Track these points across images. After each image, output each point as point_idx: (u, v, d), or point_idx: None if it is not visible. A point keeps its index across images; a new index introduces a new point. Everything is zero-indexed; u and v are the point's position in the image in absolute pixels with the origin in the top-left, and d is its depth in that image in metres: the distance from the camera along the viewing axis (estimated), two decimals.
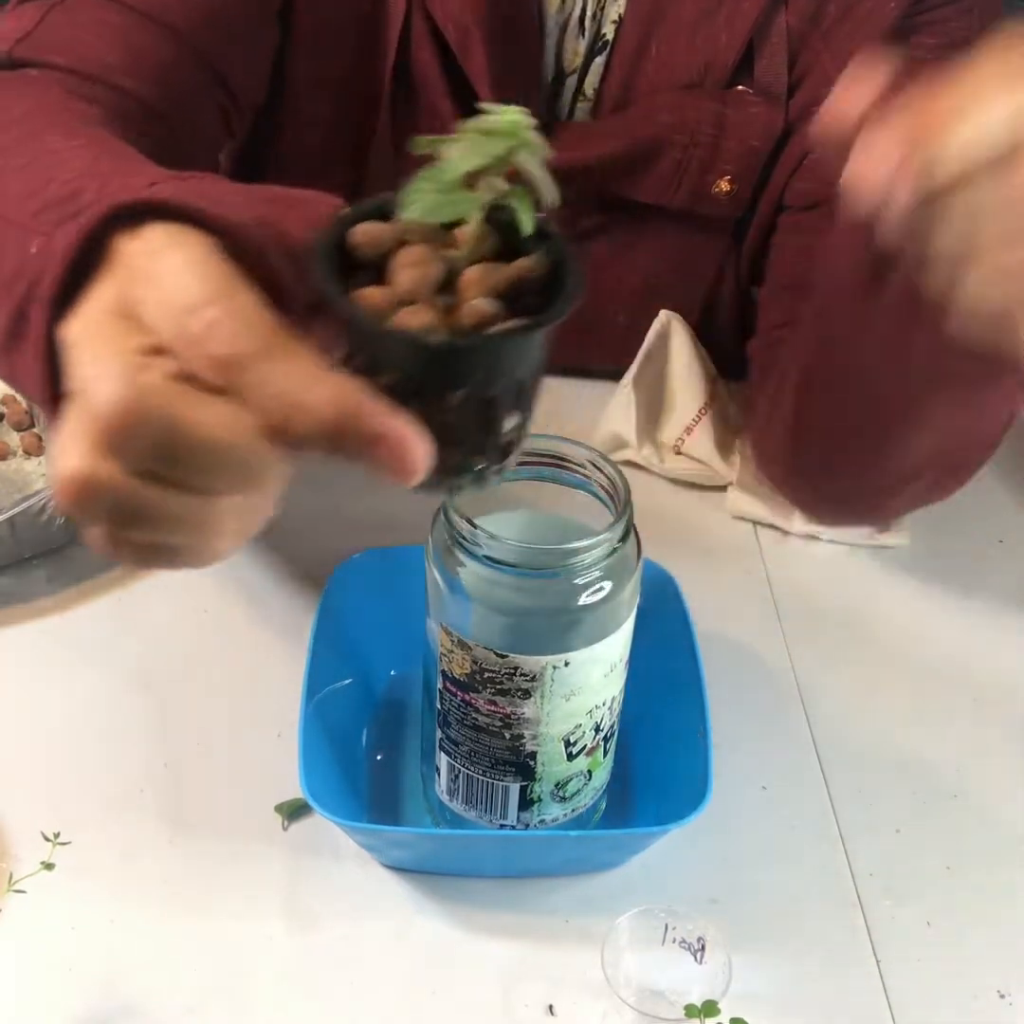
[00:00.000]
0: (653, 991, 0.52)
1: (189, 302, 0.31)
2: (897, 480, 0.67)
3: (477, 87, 0.72)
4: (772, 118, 0.74)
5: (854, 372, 0.62)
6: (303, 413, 0.30)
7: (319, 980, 0.53)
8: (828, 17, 0.72)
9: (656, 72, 0.74)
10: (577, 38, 0.74)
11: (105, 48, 0.60)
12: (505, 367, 0.32)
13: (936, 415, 0.60)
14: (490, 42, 0.70)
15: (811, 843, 0.60)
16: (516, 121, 0.32)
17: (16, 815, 0.58)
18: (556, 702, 0.50)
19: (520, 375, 0.33)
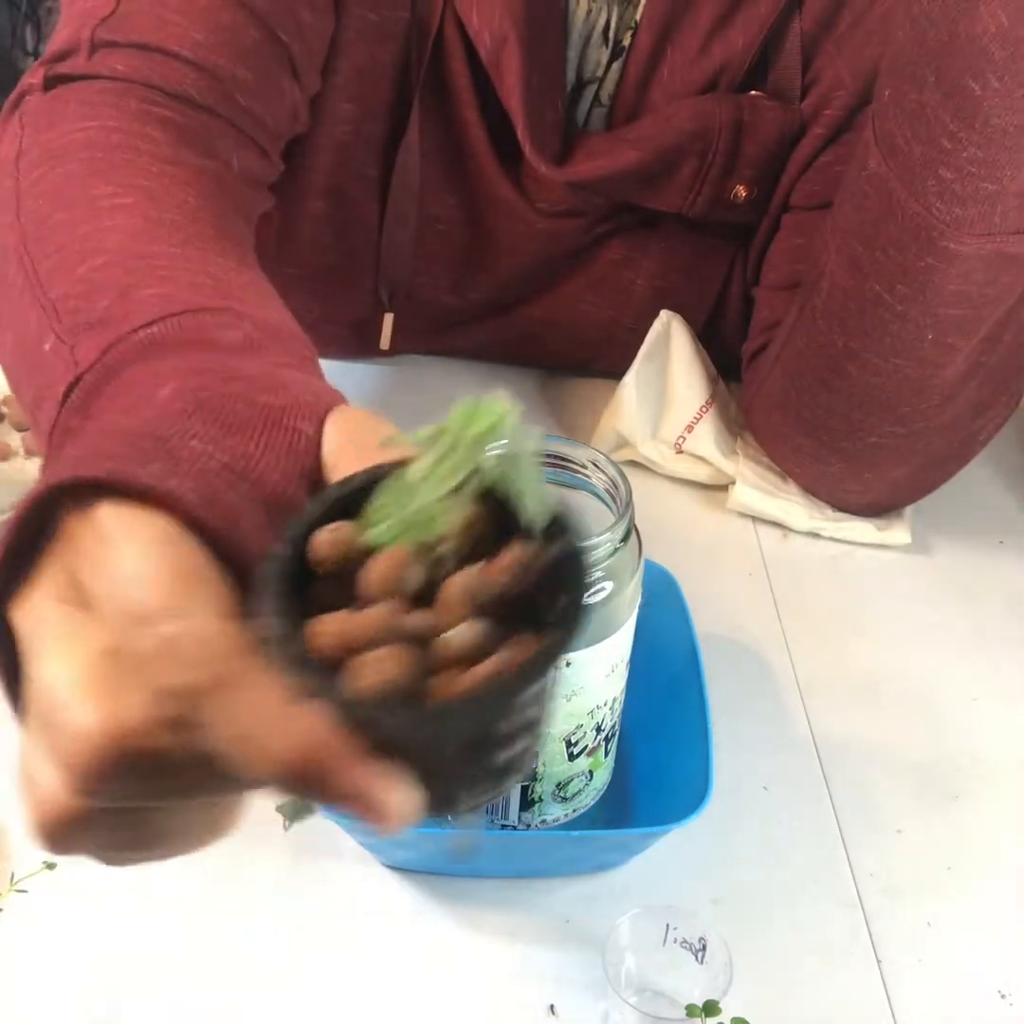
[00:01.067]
0: (654, 991, 0.52)
1: (141, 612, 0.27)
2: (877, 409, 0.70)
3: (505, 98, 0.73)
4: (788, 122, 0.74)
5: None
6: (262, 756, 0.26)
7: (320, 980, 0.53)
8: (842, 22, 0.72)
9: (671, 76, 0.74)
10: (599, 48, 0.74)
11: (192, 26, 0.59)
12: (496, 715, 0.26)
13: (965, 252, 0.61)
14: (525, 47, 0.70)
15: (811, 843, 0.60)
16: (499, 416, 0.25)
17: (17, 815, 0.58)
18: (557, 702, 0.50)
19: (524, 714, 0.27)
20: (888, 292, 0.64)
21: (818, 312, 0.70)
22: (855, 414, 0.71)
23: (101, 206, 0.49)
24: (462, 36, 0.72)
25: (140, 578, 0.27)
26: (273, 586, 0.26)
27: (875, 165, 0.62)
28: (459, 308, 0.85)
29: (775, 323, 0.77)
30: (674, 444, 0.81)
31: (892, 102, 0.61)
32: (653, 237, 0.81)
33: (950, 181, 0.58)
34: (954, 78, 0.56)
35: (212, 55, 0.60)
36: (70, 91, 0.58)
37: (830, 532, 0.78)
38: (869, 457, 0.74)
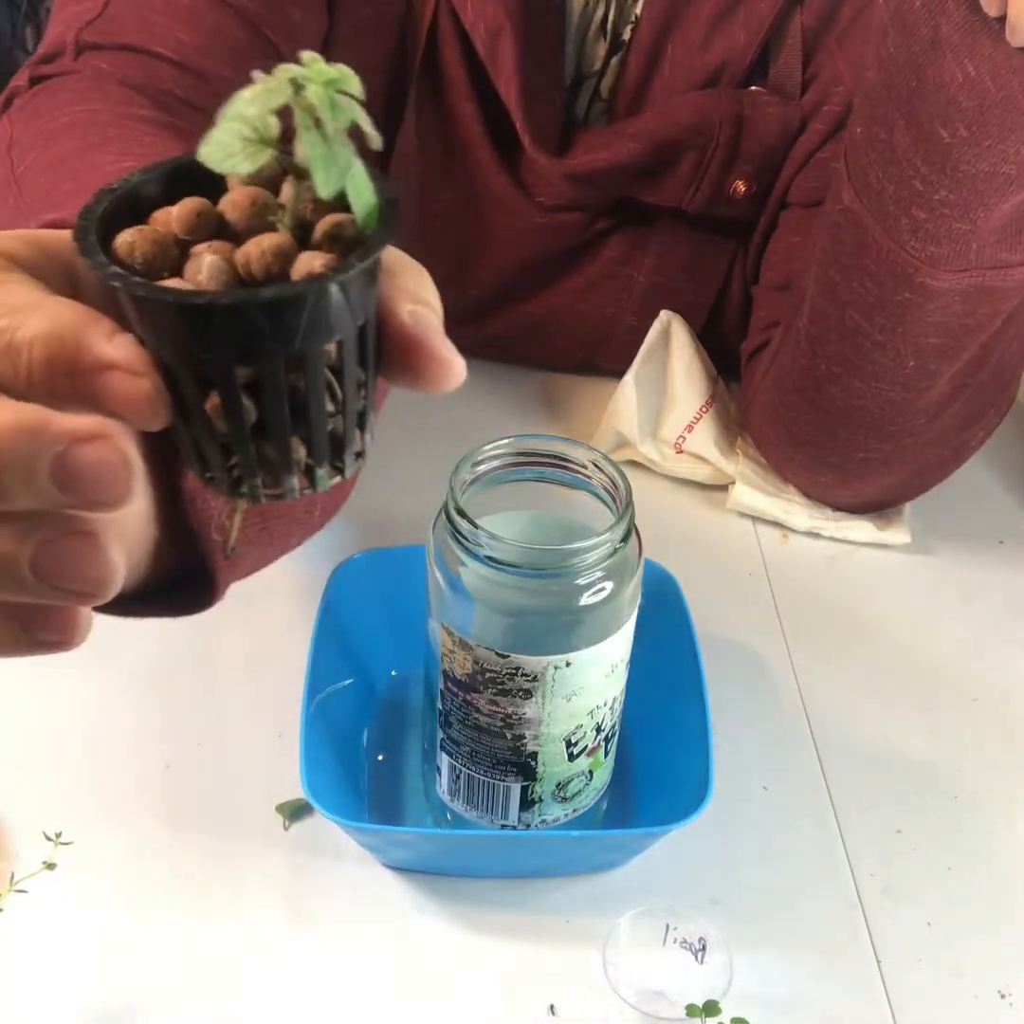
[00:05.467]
0: (654, 991, 0.52)
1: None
2: (862, 427, 0.69)
3: (501, 89, 0.72)
4: (788, 117, 0.74)
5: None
6: (14, 354, 0.25)
7: (320, 980, 0.53)
8: (843, 18, 0.72)
9: (672, 72, 0.74)
10: (598, 40, 0.74)
11: (177, 27, 0.60)
12: (326, 323, 0.25)
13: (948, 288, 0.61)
14: (520, 41, 0.70)
15: (811, 843, 0.60)
16: (314, 71, 0.26)
17: (17, 815, 0.58)
18: (557, 702, 0.50)
19: (346, 332, 0.25)
20: (867, 321, 0.64)
21: (801, 335, 0.70)
22: (841, 432, 0.72)
23: (106, 171, 0.48)
24: (457, 28, 0.72)
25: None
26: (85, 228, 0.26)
27: (849, 200, 0.63)
28: (458, 305, 0.85)
29: (773, 322, 0.77)
30: (674, 444, 0.81)
31: (864, 140, 0.61)
32: (653, 234, 0.81)
33: (923, 220, 0.58)
34: (923, 123, 0.56)
35: (196, 55, 0.60)
36: (55, 84, 0.58)
37: (830, 532, 0.78)
38: (858, 469, 0.74)
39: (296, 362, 0.25)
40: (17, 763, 0.61)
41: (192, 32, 0.60)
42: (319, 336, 0.25)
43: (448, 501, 0.47)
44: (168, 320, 0.24)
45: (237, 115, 0.26)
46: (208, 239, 0.26)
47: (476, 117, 0.75)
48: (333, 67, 0.26)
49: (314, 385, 0.25)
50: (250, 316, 0.23)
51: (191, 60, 0.59)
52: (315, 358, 0.25)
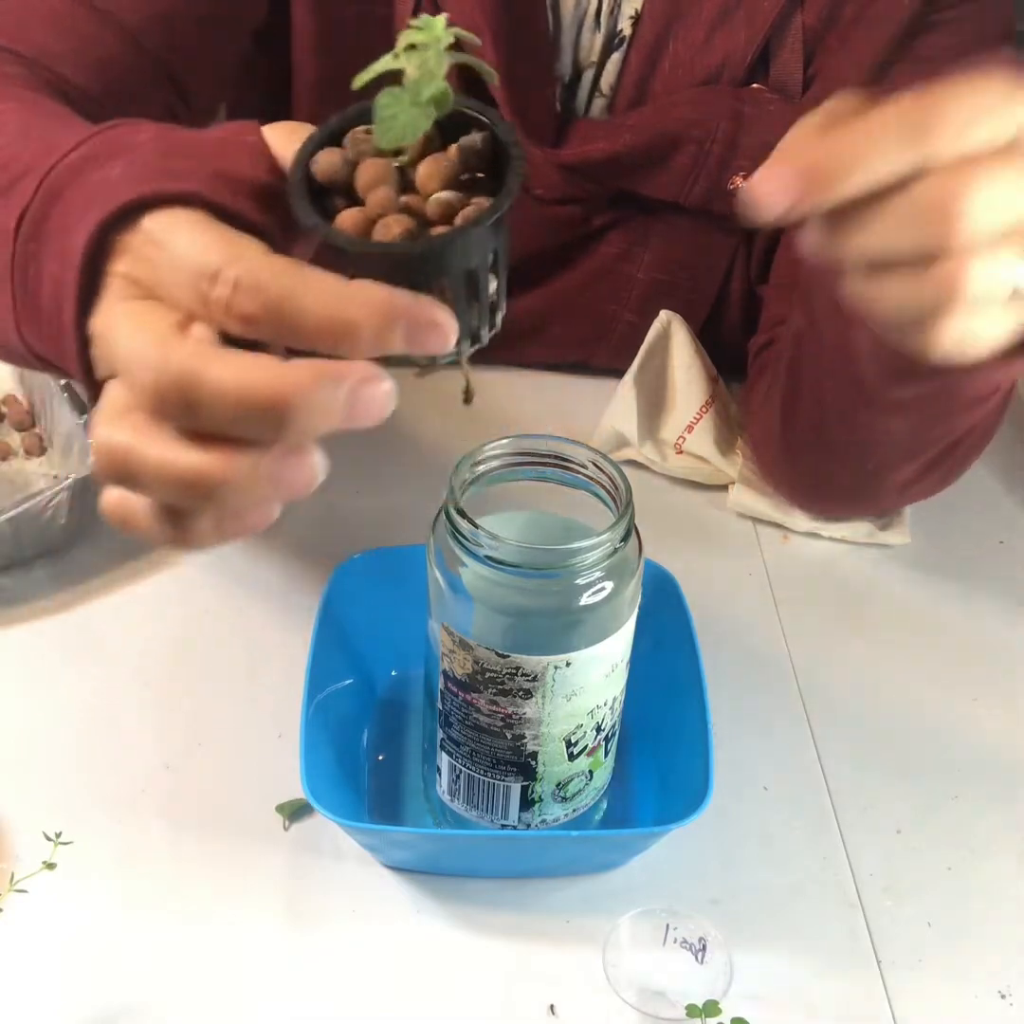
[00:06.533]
0: (654, 991, 0.52)
1: (208, 271, 0.33)
2: (880, 465, 0.68)
3: (491, 87, 0.72)
4: (788, 115, 0.73)
5: (825, 359, 0.64)
6: (355, 330, 0.32)
7: (320, 980, 0.53)
8: (844, 17, 0.72)
9: (673, 69, 0.74)
10: (593, 33, 0.74)
11: (51, 35, 0.61)
12: (480, 246, 0.35)
13: (906, 403, 0.60)
14: (501, 42, 0.70)
15: (811, 843, 0.60)
16: (441, 30, 0.33)
17: (17, 815, 0.58)
18: (557, 702, 0.50)
19: (494, 246, 0.35)
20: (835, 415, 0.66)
21: (775, 400, 0.71)
22: (822, 470, 0.73)
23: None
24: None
25: (198, 247, 0.34)
26: (295, 191, 0.35)
27: (803, 325, 0.65)
28: None
29: (782, 320, 0.77)
30: (674, 444, 0.81)
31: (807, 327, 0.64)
32: (653, 230, 0.80)
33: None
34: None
35: (61, 65, 0.60)
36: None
37: (830, 532, 0.78)
38: (844, 500, 0.75)
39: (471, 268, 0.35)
40: (17, 763, 0.61)
41: (64, 42, 0.61)
42: (480, 252, 0.35)
43: (448, 501, 0.47)
44: (398, 261, 0.34)
45: (415, 97, 0.34)
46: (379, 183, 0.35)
47: None
48: (453, 30, 0.33)
49: (480, 276, 0.36)
50: (445, 248, 0.34)
51: (56, 67, 0.60)
52: (484, 264, 0.36)
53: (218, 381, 0.32)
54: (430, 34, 0.32)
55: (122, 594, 0.70)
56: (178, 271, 0.34)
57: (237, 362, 0.32)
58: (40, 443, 0.77)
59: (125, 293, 0.36)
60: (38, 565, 0.71)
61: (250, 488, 0.34)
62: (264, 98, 0.80)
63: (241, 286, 0.33)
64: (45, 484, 0.69)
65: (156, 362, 0.33)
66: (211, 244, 0.34)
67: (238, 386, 0.32)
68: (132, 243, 0.36)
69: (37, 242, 0.41)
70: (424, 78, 0.32)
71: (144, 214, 0.36)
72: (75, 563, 0.71)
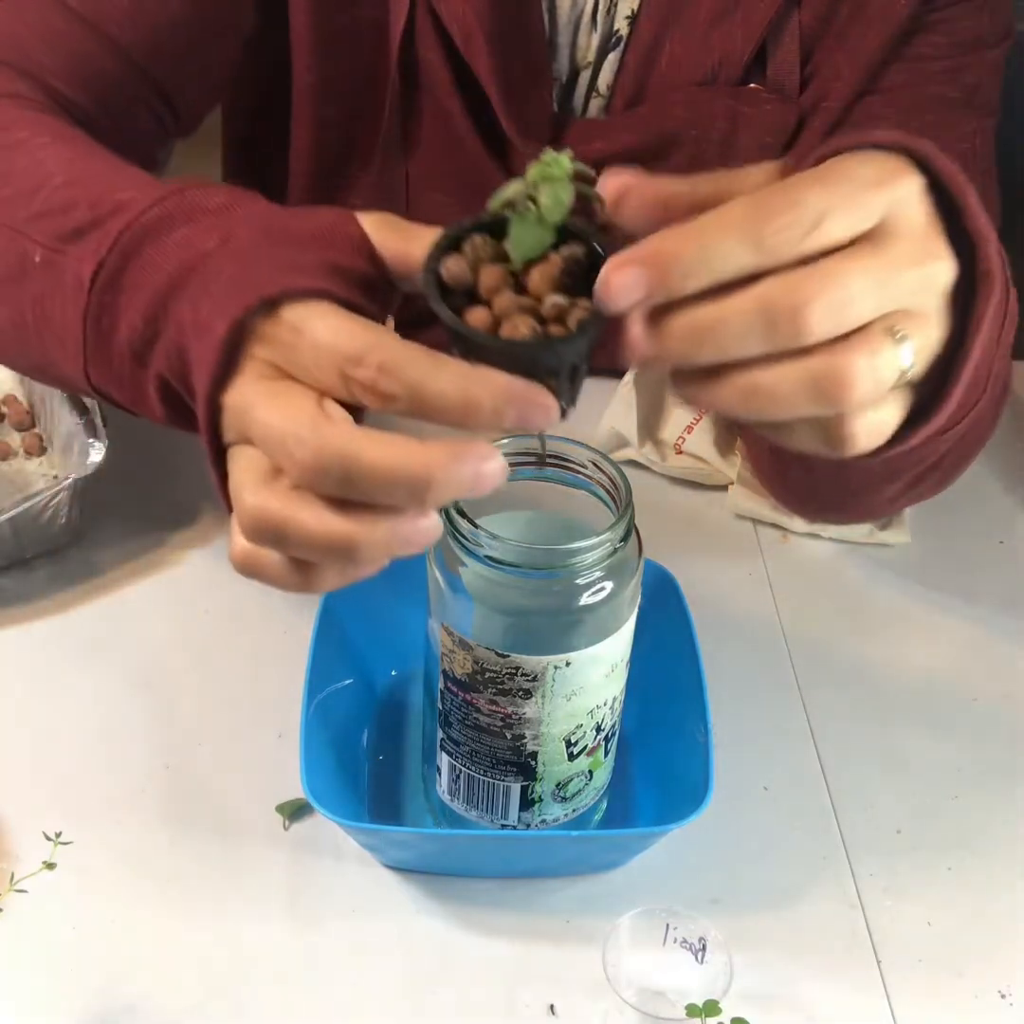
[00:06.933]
0: (654, 991, 0.52)
1: (353, 356, 0.37)
2: (861, 488, 0.67)
3: (486, 88, 0.72)
4: (785, 115, 0.74)
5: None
6: (478, 409, 0.37)
7: (320, 980, 0.53)
8: (841, 16, 0.72)
9: (670, 69, 0.74)
10: (589, 33, 0.74)
11: (45, 49, 0.62)
12: (586, 346, 0.40)
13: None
14: (494, 43, 0.70)
15: (811, 843, 0.60)
16: (568, 166, 0.39)
17: (17, 815, 0.58)
18: (557, 702, 0.50)
19: (592, 344, 0.40)
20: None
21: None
22: (809, 487, 0.72)
23: (31, 144, 0.54)
24: (437, 27, 0.72)
25: (343, 336, 0.38)
26: (432, 293, 0.39)
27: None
28: None
29: None
30: (674, 444, 0.81)
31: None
32: None
33: None
34: None
35: (56, 79, 0.62)
36: None
37: (830, 532, 0.78)
38: (834, 512, 0.74)
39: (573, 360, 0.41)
40: (17, 763, 0.61)
41: (58, 58, 0.62)
42: (585, 350, 0.40)
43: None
44: (521, 354, 0.39)
45: (545, 221, 0.39)
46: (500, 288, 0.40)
47: (464, 112, 0.75)
48: (574, 164, 0.38)
49: (581, 368, 0.41)
50: (564, 347, 0.39)
51: (49, 81, 0.62)
52: (584, 356, 0.41)
53: (373, 460, 0.36)
54: (560, 169, 0.38)
55: (122, 594, 0.70)
56: (321, 355, 0.38)
57: (387, 442, 0.37)
58: (40, 443, 0.77)
59: (263, 374, 0.40)
60: (38, 565, 0.71)
61: (383, 547, 0.38)
62: (258, 100, 0.80)
63: (384, 369, 0.37)
64: (45, 484, 0.69)
65: (315, 442, 0.36)
66: (353, 332, 0.38)
67: (391, 464, 0.36)
68: (271, 330, 0.40)
69: (113, 294, 0.45)
70: (555, 206, 0.38)
71: (282, 304, 0.40)
72: (75, 563, 0.72)
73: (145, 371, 0.45)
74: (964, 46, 0.73)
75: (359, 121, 0.77)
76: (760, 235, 0.36)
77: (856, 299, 0.37)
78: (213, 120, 0.79)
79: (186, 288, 0.43)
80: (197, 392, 0.42)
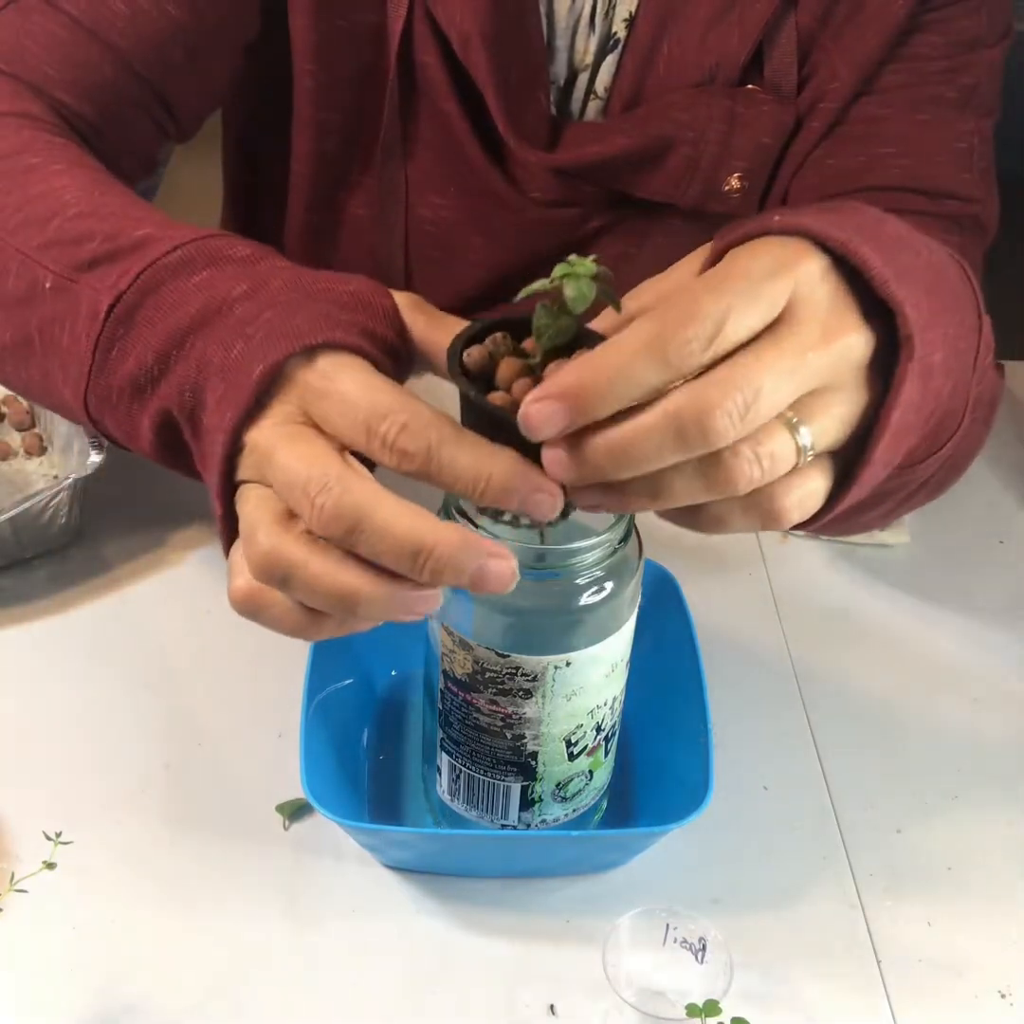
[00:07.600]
0: (654, 991, 0.52)
1: (380, 411, 0.39)
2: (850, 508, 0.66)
3: (483, 91, 0.73)
4: (782, 115, 0.74)
5: None
6: (488, 483, 0.38)
7: (320, 980, 0.53)
8: (838, 17, 0.72)
9: (668, 70, 0.74)
10: (587, 36, 0.74)
11: (49, 60, 0.63)
12: None
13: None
14: (492, 47, 0.70)
15: (811, 843, 0.60)
16: (593, 268, 0.40)
17: (17, 815, 0.58)
18: (557, 702, 0.50)
19: None
20: None
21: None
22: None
23: (46, 171, 0.55)
24: (435, 32, 0.72)
25: (374, 391, 0.40)
26: (456, 371, 0.41)
27: None
28: (453, 305, 0.85)
29: None
30: None
31: None
32: (650, 233, 0.80)
33: None
34: None
35: (59, 90, 0.63)
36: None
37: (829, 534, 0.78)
38: (829, 526, 0.73)
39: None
40: (17, 763, 0.61)
41: (61, 67, 0.63)
42: None
43: (448, 501, 0.47)
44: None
45: (570, 312, 0.41)
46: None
47: (461, 116, 0.75)
48: (598, 267, 0.40)
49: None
50: None
51: (53, 92, 0.63)
52: None
53: (385, 521, 0.38)
54: (585, 268, 0.39)
55: (122, 594, 0.70)
56: (349, 406, 0.40)
57: (404, 506, 0.38)
58: (40, 443, 0.77)
59: (289, 418, 0.41)
60: (38, 565, 0.71)
61: (383, 606, 0.39)
62: (258, 104, 0.80)
63: (407, 428, 0.39)
64: (45, 484, 0.69)
65: (339, 490, 0.38)
66: (384, 389, 0.40)
67: (401, 529, 0.38)
68: (304, 377, 0.42)
69: (126, 327, 0.47)
70: (579, 298, 0.39)
71: (319, 354, 0.42)
72: (75, 563, 0.72)
73: (144, 404, 0.47)
74: (962, 46, 0.73)
75: (358, 125, 0.77)
76: (665, 354, 0.37)
77: (762, 395, 0.37)
78: (213, 121, 0.79)
79: (210, 329, 0.45)
80: (214, 428, 0.43)
